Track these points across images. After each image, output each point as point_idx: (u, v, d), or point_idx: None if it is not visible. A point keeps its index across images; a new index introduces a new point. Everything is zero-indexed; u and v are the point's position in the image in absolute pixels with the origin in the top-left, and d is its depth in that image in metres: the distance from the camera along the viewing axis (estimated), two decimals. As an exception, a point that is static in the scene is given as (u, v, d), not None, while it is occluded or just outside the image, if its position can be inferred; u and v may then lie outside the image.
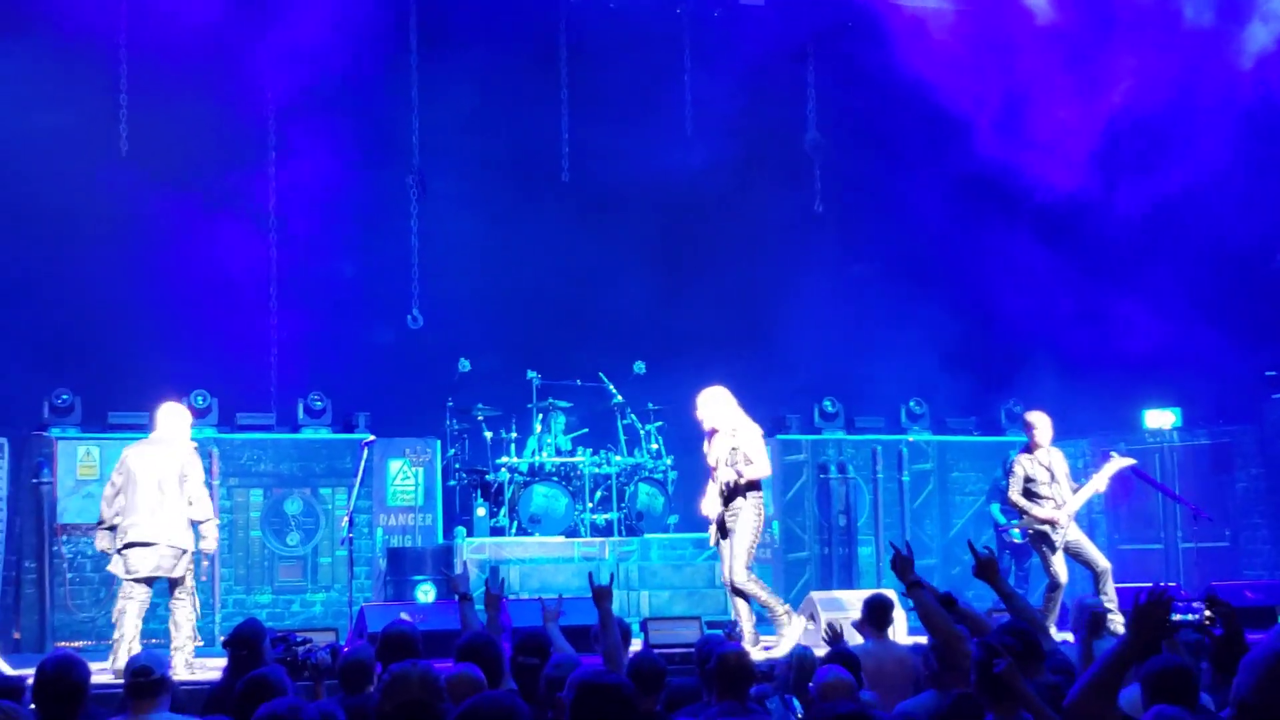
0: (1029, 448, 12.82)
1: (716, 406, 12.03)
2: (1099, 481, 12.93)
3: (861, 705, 5.09)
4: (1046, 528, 12.51)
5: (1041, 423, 12.81)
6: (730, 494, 11.78)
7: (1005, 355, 19.35)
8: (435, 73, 19.32)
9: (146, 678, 6.26)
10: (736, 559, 11.62)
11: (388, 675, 4.85)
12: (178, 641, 11.33)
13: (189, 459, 11.72)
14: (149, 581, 11.42)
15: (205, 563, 12.07)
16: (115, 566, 11.51)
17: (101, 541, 11.60)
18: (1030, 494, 12.62)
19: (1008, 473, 13.64)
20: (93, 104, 17.55)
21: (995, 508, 17.32)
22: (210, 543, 11.76)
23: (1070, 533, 12.58)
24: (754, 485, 11.79)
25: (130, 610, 11.34)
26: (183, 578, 11.52)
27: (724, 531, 12.01)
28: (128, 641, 11.18)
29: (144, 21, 17.65)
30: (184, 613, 11.51)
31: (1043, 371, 18.79)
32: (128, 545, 11.37)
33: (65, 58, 17.22)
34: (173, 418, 11.91)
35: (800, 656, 7.33)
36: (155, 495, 11.43)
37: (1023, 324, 19.10)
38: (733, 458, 11.77)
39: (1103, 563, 12.60)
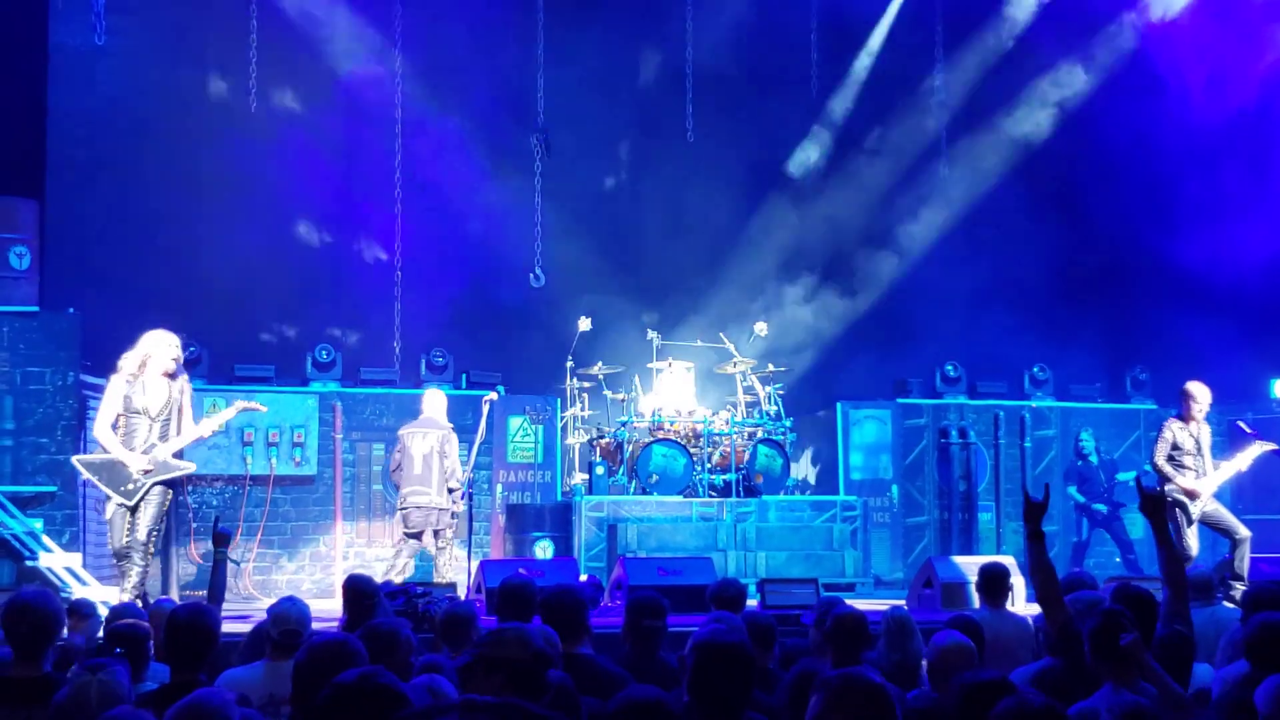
0: (1182, 416, 12.60)
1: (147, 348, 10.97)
2: (1242, 461, 12.73)
3: (1002, 675, 5.01)
4: (1185, 498, 12.33)
5: (1200, 394, 12.59)
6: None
7: (1132, 322, 19.04)
8: (561, 31, 19.32)
9: (292, 641, 6.41)
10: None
11: (487, 633, 4.86)
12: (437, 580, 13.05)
13: (447, 438, 14.04)
14: (419, 535, 13.83)
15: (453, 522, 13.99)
16: (398, 524, 14.10)
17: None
18: (1174, 462, 12.43)
19: (1152, 440, 13.37)
20: (224, 62, 17.79)
21: (1073, 489, 17.06)
22: (458, 505, 14.07)
23: (1208, 504, 12.41)
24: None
25: (405, 552, 13.85)
26: (442, 530, 13.89)
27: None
28: (399, 571, 13.55)
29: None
30: (444, 558, 13.90)
31: (1170, 339, 18.49)
32: (405, 507, 13.85)
33: (197, 16, 17.46)
34: (435, 400, 14.38)
35: (892, 618, 7.17)
36: (424, 468, 13.86)
37: (1150, 291, 18.79)
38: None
39: (1242, 531, 12.39)
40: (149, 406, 10.81)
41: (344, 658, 4.81)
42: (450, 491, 13.99)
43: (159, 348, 10.91)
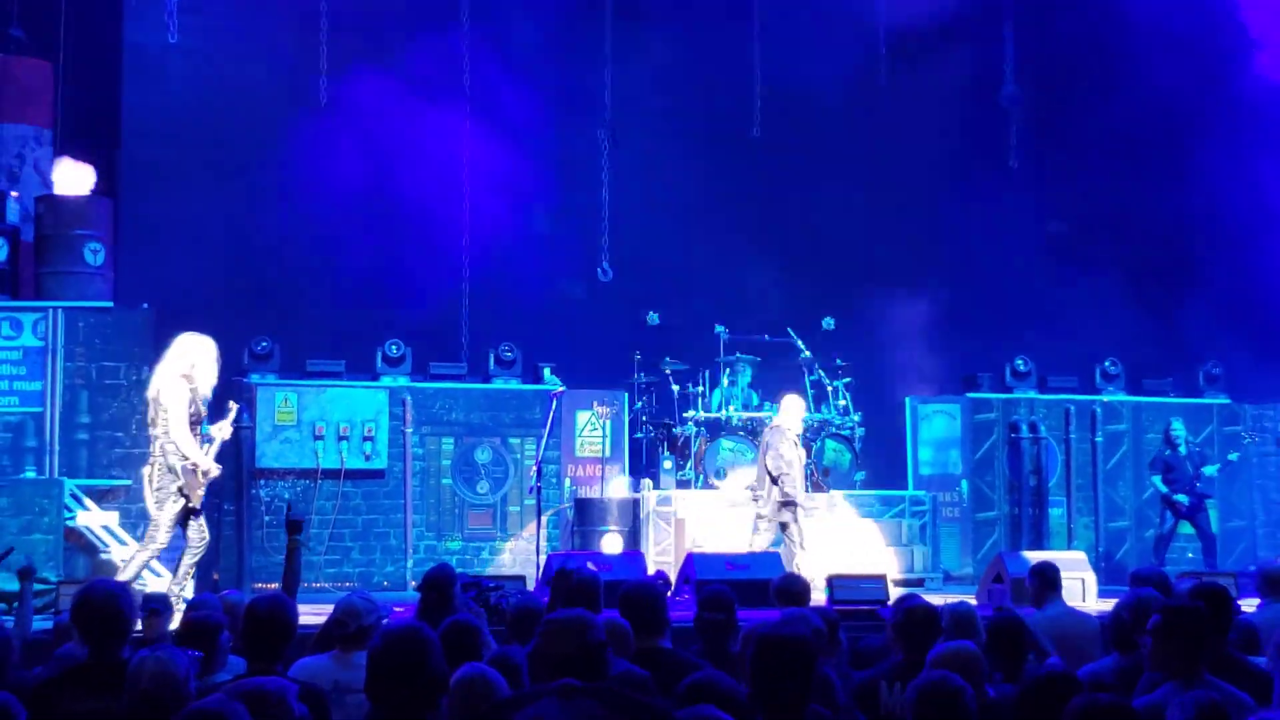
0: None
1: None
2: None
3: (1068, 670, 5.00)
4: None
5: None
6: None
7: (1205, 316, 18.83)
8: (629, 25, 19.37)
9: (358, 632, 6.50)
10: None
11: (546, 623, 4.90)
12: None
13: (766, 440, 14.12)
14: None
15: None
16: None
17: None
18: None
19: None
20: (294, 58, 17.93)
21: (1157, 479, 16.86)
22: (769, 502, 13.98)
23: None
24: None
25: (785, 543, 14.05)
26: (784, 525, 13.91)
27: None
28: (787, 561, 13.61)
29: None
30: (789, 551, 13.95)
31: (1244, 333, 18.28)
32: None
33: (269, 12, 17.62)
34: (782, 404, 14.45)
35: (955, 613, 7.10)
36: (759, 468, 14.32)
37: (1223, 285, 18.58)
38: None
39: None
40: (201, 412, 10.99)
41: (416, 645, 4.86)
42: (774, 481, 13.79)
43: (212, 354, 11.02)
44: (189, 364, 10.88)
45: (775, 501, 13.84)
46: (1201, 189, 18.73)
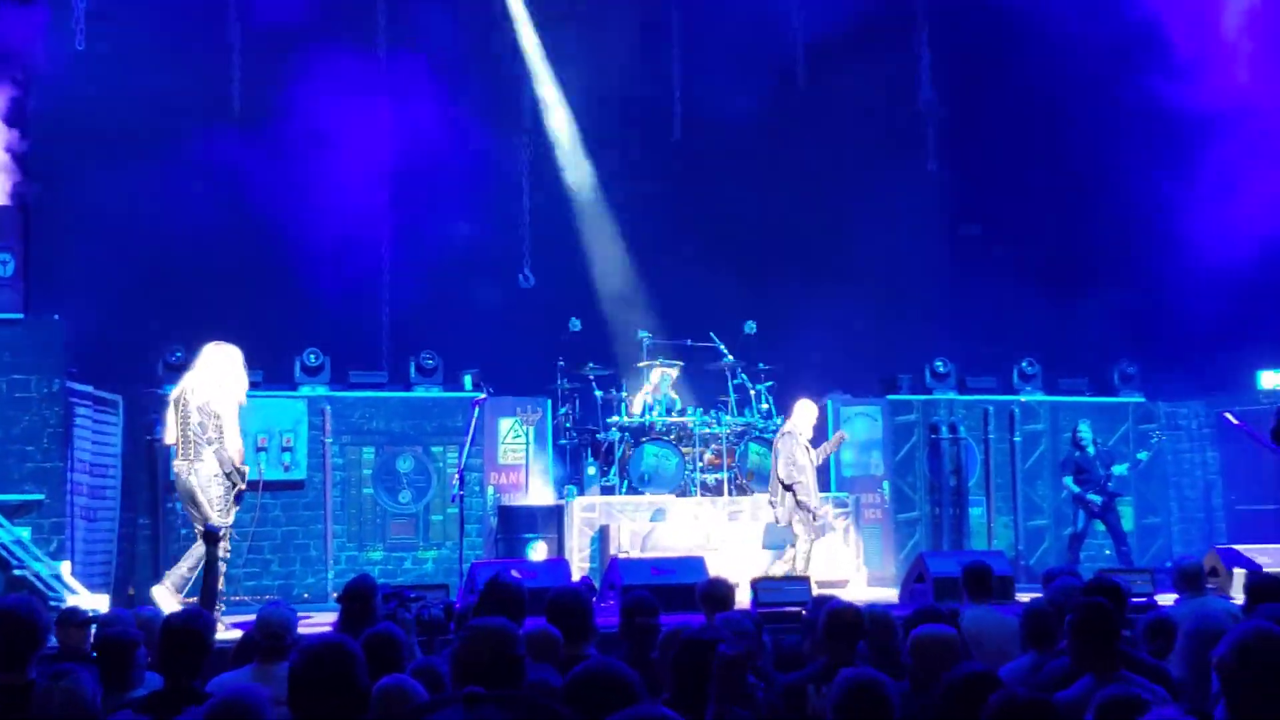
0: None
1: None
2: None
3: (988, 669, 5.00)
4: None
5: None
6: None
7: (1118, 316, 19.05)
8: (549, 31, 19.35)
9: (277, 644, 6.49)
10: None
11: (464, 630, 4.86)
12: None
13: (778, 441, 14.38)
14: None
15: None
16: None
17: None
18: None
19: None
20: (206, 65, 17.77)
21: (1069, 480, 17.00)
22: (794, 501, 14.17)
23: None
24: None
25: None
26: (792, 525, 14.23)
27: None
28: (785, 561, 14.32)
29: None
30: (795, 553, 14.29)
31: (1157, 333, 18.50)
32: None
33: (179, 19, 17.45)
34: (795, 409, 14.52)
35: (871, 616, 7.06)
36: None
37: (1137, 285, 18.81)
38: None
39: None
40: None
41: (341, 657, 4.80)
42: (787, 489, 14.06)
43: (240, 363, 11.47)
44: (224, 374, 11.26)
45: (789, 509, 14.06)
46: (1115, 191, 18.94)
